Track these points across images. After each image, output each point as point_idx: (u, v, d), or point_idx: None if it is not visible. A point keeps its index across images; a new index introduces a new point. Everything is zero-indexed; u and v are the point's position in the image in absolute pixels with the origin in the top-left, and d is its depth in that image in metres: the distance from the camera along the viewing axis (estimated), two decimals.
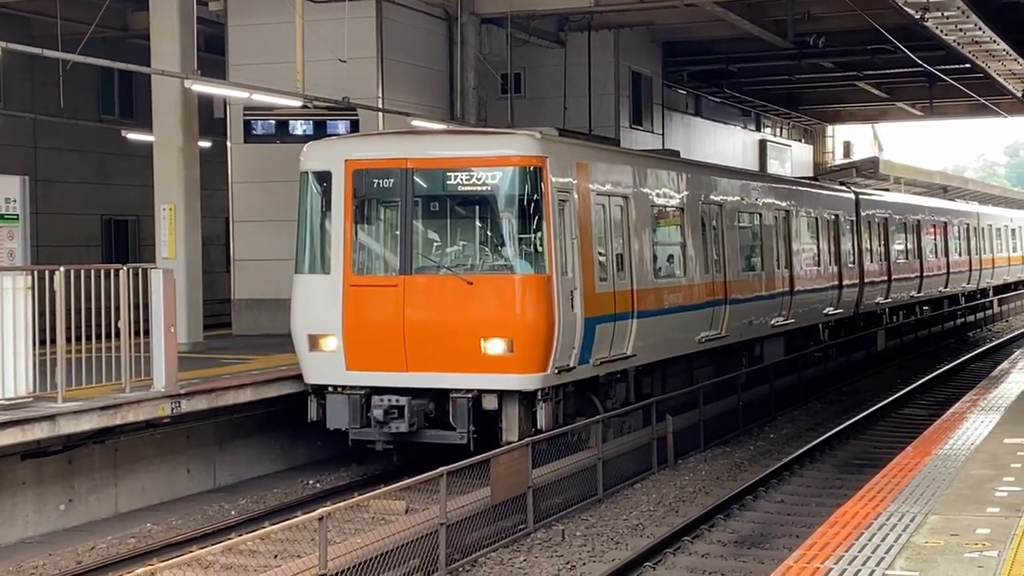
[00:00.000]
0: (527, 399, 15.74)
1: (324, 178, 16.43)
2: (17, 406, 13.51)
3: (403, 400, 15.65)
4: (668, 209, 20.02)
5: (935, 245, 38.53)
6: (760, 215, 23.99)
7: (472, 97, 24.81)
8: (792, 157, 49.13)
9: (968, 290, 43.11)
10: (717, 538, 13.95)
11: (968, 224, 43.18)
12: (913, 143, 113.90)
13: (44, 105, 26.78)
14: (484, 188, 15.85)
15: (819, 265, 27.27)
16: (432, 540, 12.15)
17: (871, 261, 31.36)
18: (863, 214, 31.03)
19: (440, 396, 15.83)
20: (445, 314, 15.68)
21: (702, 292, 20.56)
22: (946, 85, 37.86)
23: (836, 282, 28.22)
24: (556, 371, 15.72)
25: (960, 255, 41.68)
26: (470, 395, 15.57)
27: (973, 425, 14.05)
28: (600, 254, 17.04)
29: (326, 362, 16.11)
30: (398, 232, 16.04)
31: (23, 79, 27.63)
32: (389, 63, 24.10)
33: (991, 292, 46.76)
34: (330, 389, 16.15)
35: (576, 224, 16.27)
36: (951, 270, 39.98)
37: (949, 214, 41.14)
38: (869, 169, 50.62)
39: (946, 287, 39.51)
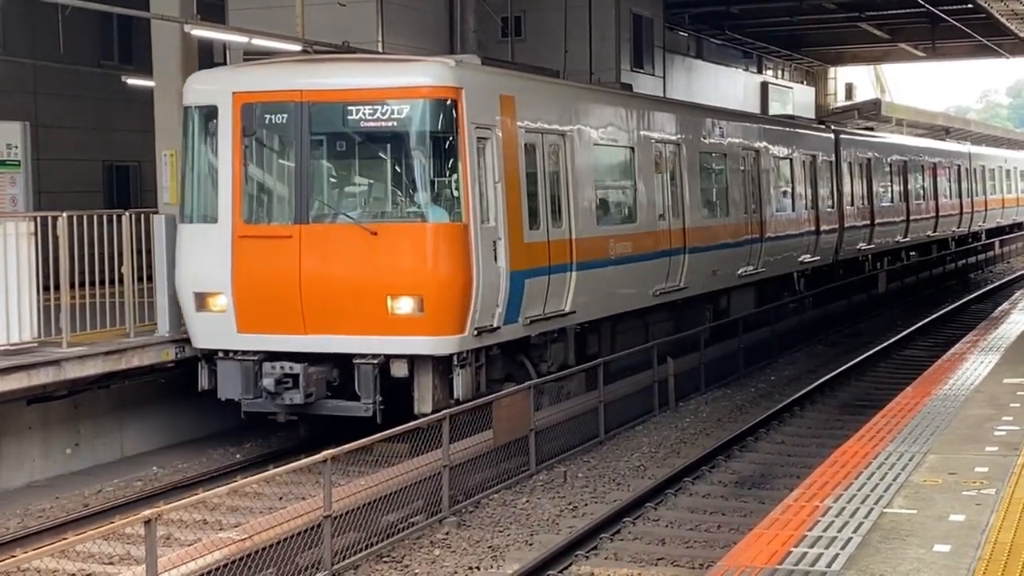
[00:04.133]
0: (442, 365, 14.13)
1: (210, 114, 14.65)
2: (22, 351, 13.61)
3: (298, 367, 13.97)
4: (615, 149, 18.37)
5: (923, 187, 37.16)
6: (725, 156, 22.34)
7: (472, 40, 24.66)
8: (794, 99, 48.86)
9: (959, 234, 42.03)
10: (718, 479, 14.08)
11: (959, 165, 41.94)
12: (917, 84, 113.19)
13: (44, 51, 26.68)
14: (390, 124, 14.04)
15: (794, 210, 25.86)
16: (435, 482, 12.26)
17: (852, 205, 29.84)
18: (844, 154, 29.57)
19: (345, 362, 14.20)
20: (347, 268, 13.99)
21: (656, 241, 19.02)
22: (948, 26, 37.62)
23: (813, 228, 26.76)
24: (476, 332, 14.18)
25: (950, 198, 40.43)
26: (376, 361, 13.94)
27: (973, 366, 14.13)
28: (531, 200, 15.45)
29: (215, 324, 14.42)
30: (293, 175, 14.32)
31: (22, 24, 27.52)
32: (388, 6, 23.98)
33: (984, 236, 45.89)
34: (220, 355, 14.49)
35: (500, 166, 14.59)
36: (940, 213, 38.75)
37: (938, 154, 39.78)
38: (871, 111, 50.35)
39: (935, 231, 38.40)
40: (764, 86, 46.08)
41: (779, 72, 49.63)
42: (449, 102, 14.06)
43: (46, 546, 8.22)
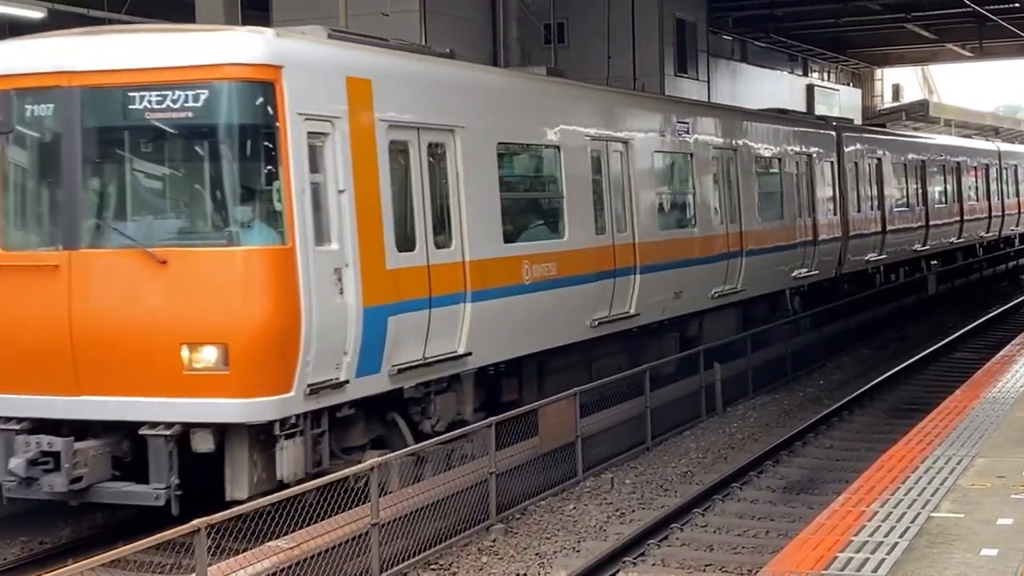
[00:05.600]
0: (263, 435, 10.73)
1: None
2: None
3: (58, 443, 10.52)
4: (532, 149, 15.33)
5: (945, 189, 33.97)
6: (690, 156, 18.99)
7: (515, 48, 24.76)
8: (840, 101, 48.60)
9: (988, 239, 38.84)
10: (766, 484, 14.03)
11: (987, 164, 38.78)
12: (965, 85, 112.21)
13: None
14: (184, 116, 10.66)
15: (783, 217, 22.40)
16: (482, 489, 12.29)
17: (858, 210, 26.50)
18: (848, 153, 26.19)
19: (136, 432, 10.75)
20: (130, 308, 10.65)
21: (593, 260, 15.75)
22: (995, 25, 37.30)
23: (810, 237, 23.47)
24: (309, 391, 10.77)
25: (977, 200, 37.20)
26: (171, 431, 10.53)
27: (1022, 368, 14.00)
28: (401, 214, 12.20)
29: None
30: (61, 185, 10.97)
31: None
32: (432, 16, 24.07)
33: (1018, 241, 42.84)
34: None
35: (348, 170, 11.26)
36: (965, 217, 35.43)
37: (962, 153, 36.54)
38: (919, 112, 50.01)
39: (959, 237, 35.08)
40: (810, 88, 45.88)
41: (825, 74, 49.38)
42: (264, 85, 10.68)
43: (98, 556, 8.31)
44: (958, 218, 34.92)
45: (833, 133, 25.83)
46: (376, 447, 12.10)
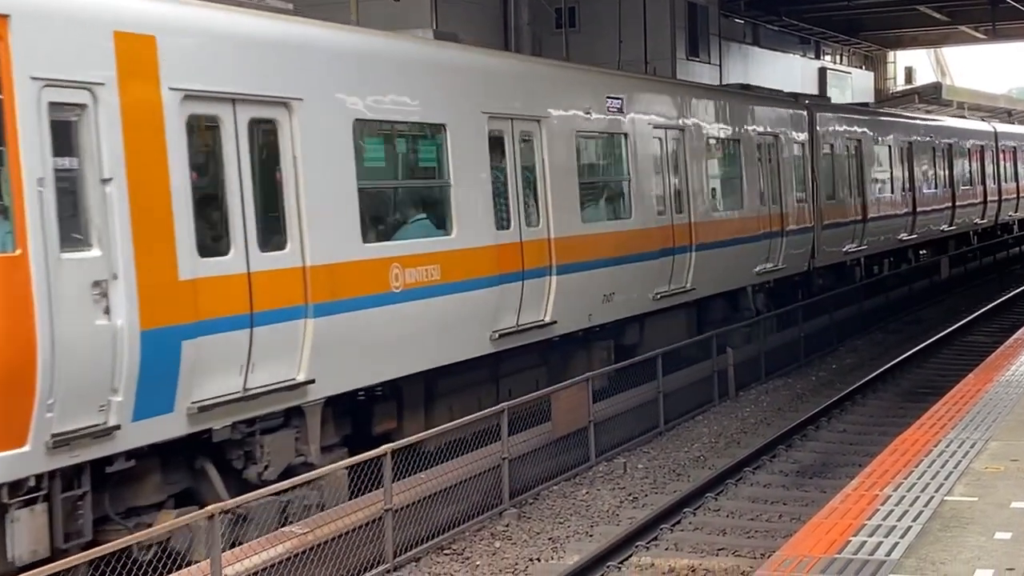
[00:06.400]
0: None
1: None
2: None
3: None
4: (408, 128, 12.60)
5: (934, 173, 31.73)
6: (624, 137, 16.60)
7: (526, 33, 24.69)
8: (853, 84, 48.47)
9: (983, 226, 36.66)
10: (779, 468, 14.03)
11: (982, 146, 36.50)
12: (979, 66, 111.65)
13: None
14: None
15: (742, 206, 20.16)
16: (495, 475, 12.31)
17: (833, 197, 24.44)
18: (821, 134, 24.02)
19: None
20: None
21: (492, 260, 13.35)
22: (1008, 7, 37.03)
23: (776, 227, 21.27)
24: (55, 442, 8.37)
25: (971, 185, 34.97)
26: None
27: None
28: (205, 209, 9.92)
29: None
30: None
31: None
32: (443, 2, 24.05)
33: (1017, 227, 40.64)
34: None
35: (119, 154, 8.97)
36: (957, 203, 33.25)
37: (954, 134, 34.22)
38: (931, 95, 49.79)
39: (951, 225, 32.95)
40: (822, 72, 45.76)
41: (837, 57, 49.22)
42: None
43: (114, 542, 8.33)
44: (949, 204, 32.87)
45: (804, 112, 23.59)
46: (186, 503, 9.79)
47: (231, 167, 10.04)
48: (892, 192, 28.22)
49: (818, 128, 23.89)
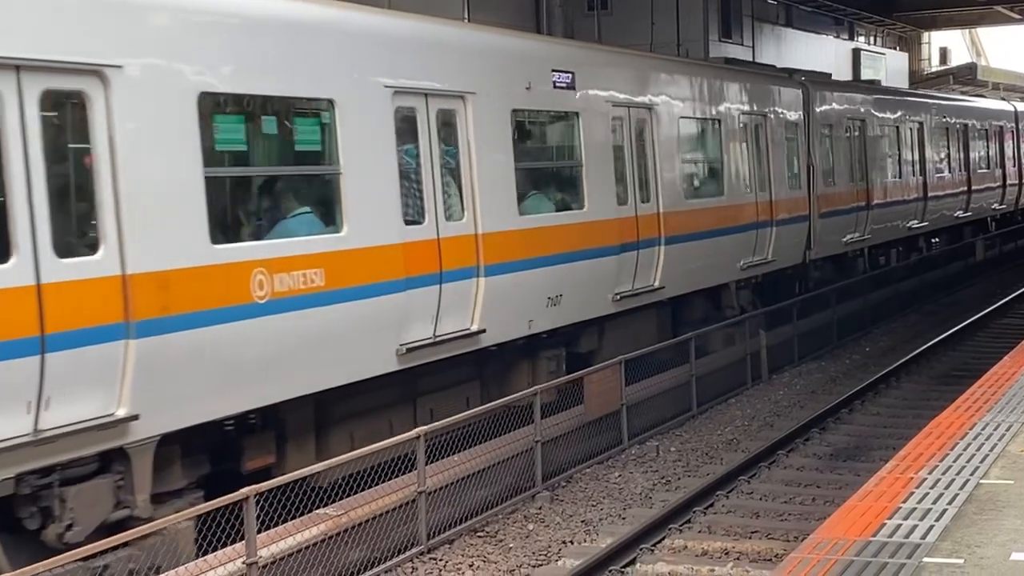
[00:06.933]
0: None
1: None
2: None
3: None
4: (278, 103, 10.43)
5: (948, 156, 29.86)
6: (576, 116, 14.54)
7: (558, 15, 24.59)
8: (887, 66, 48.12)
9: (1001, 212, 34.79)
10: (812, 451, 13.99)
11: (1001, 126, 34.69)
12: (1015, 47, 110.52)
13: None
14: None
15: (722, 193, 18.21)
16: (527, 458, 12.32)
17: (832, 183, 22.49)
18: (819, 113, 22.11)
19: None
20: None
21: (397, 262, 11.24)
22: None
23: (767, 216, 19.44)
24: None
25: (987, 168, 33.06)
26: None
27: None
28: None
29: None
30: None
31: None
32: None
33: None
34: None
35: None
36: (973, 188, 31.39)
37: (971, 114, 32.25)
38: (966, 75, 49.42)
39: (967, 211, 31.13)
40: (856, 53, 45.45)
41: (871, 38, 48.85)
42: None
43: (146, 525, 8.39)
44: (964, 189, 31.01)
45: (798, 90, 21.55)
46: None
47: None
48: (900, 176, 26.37)
49: (816, 108, 22.04)
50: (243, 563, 8.57)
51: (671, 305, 17.06)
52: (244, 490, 8.66)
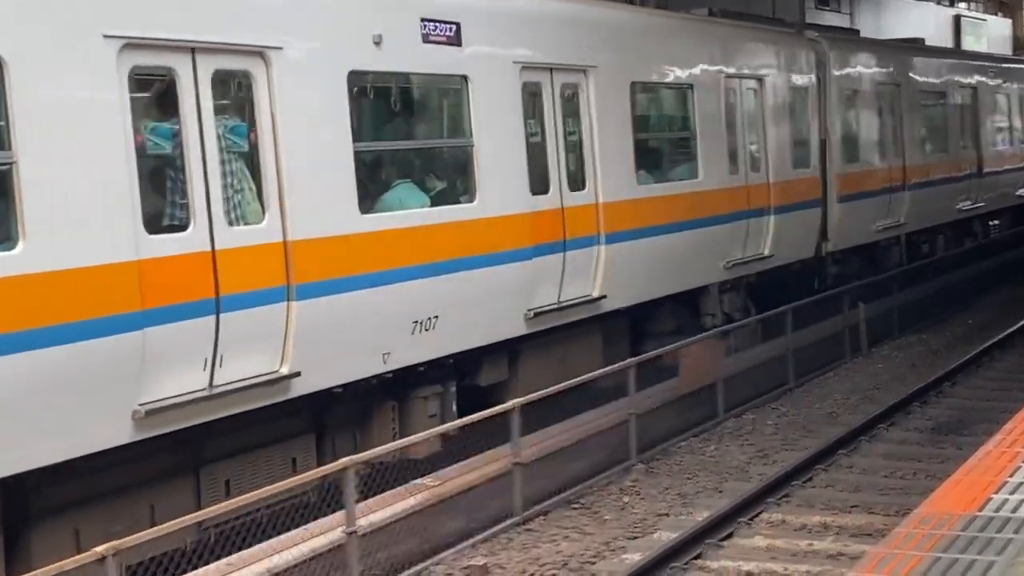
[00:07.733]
0: None
1: None
2: None
3: None
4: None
5: (1009, 125, 25.98)
6: (465, 81, 11.23)
7: None
8: (988, 32, 47.02)
9: None
10: (914, 425, 13.75)
11: None
12: None
13: None
14: None
15: (696, 175, 14.86)
16: (621, 431, 12.27)
17: (856, 159, 19.11)
18: (836, 77, 18.65)
19: None
20: None
21: (129, 284, 7.90)
22: None
23: (762, 203, 16.15)
24: None
25: None
26: None
27: None
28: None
29: None
30: None
31: None
32: None
33: None
34: None
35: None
36: None
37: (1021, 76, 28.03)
38: None
39: None
40: (956, 19, 44.44)
41: (973, 5, 47.74)
42: None
43: (252, 493, 8.51)
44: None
45: (809, 49, 18.05)
46: None
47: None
48: (947, 150, 22.67)
49: (833, 71, 18.52)
50: (343, 532, 8.65)
51: (624, 318, 14.07)
52: (342, 460, 8.80)
